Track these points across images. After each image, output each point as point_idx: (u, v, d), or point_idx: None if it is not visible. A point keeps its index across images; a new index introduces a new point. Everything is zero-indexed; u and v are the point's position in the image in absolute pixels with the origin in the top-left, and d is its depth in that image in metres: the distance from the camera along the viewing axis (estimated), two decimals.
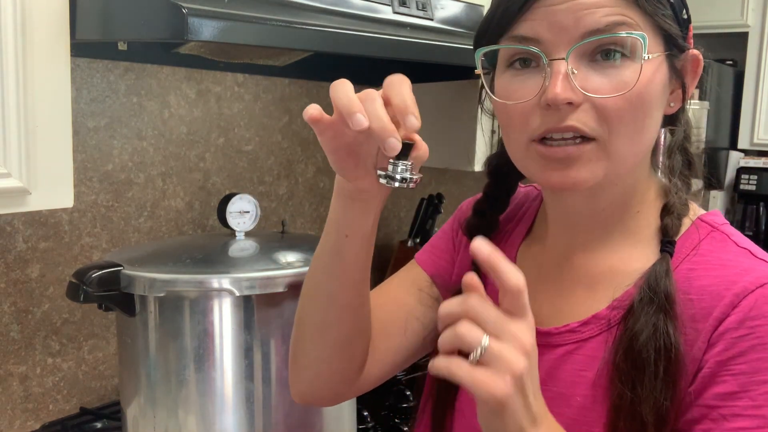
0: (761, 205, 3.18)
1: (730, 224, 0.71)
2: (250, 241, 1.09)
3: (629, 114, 0.64)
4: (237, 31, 0.87)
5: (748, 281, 0.62)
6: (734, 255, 0.66)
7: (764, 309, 0.61)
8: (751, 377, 0.60)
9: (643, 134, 0.66)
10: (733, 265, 0.65)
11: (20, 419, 1.24)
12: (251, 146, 1.58)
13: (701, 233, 0.69)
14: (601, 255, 0.72)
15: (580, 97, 0.63)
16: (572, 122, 0.64)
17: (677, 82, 0.70)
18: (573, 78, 0.63)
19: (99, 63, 1.29)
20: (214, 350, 0.95)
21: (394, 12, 1.16)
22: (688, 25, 0.70)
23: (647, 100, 0.65)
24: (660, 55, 0.66)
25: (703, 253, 0.67)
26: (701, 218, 0.71)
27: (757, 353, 0.60)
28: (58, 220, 1.26)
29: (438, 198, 1.89)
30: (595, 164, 0.65)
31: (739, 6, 3.12)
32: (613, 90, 0.63)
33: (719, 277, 0.64)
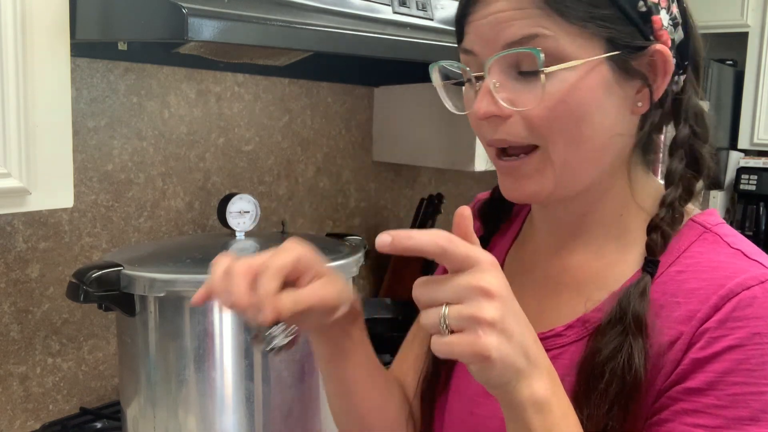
0: (761, 205, 3.18)
1: (725, 223, 0.69)
2: (250, 241, 1.09)
3: (558, 123, 0.63)
4: (237, 31, 0.87)
5: (735, 283, 0.61)
6: (726, 257, 0.64)
7: (747, 311, 0.60)
8: (721, 377, 0.59)
9: (585, 141, 0.64)
10: (723, 267, 0.63)
11: (20, 419, 1.24)
12: (251, 146, 1.58)
13: (693, 234, 0.67)
14: (586, 259, 0.71)
15: (504, 111, 0.64)
16: (502, 135, 0.65)
17: (638, 81, 0.65)
18: (496, 91, 0.64)
19: (99, 63, 1.29)
20: (214, 350, 0.95)
21: (394, 12, 1.16)
22: (649, 17, 0.64)
23: (575, 108, 0.63)
24: (594, 59, 0.63)
25: (693, 255, 0.65)
26: (694, 219, 0.69)
27: (732, 354, 0.59)
28: (58, 220, 1.26)
29: (438, 198, 1.89)
30: (542, 176, 0.66)
31: (739, 6, 3.12)
32: (533, 102, 0.63)
33: (708, 281, 0.63)
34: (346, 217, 1.84)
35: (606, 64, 0.64)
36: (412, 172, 2.04)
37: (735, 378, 0.59)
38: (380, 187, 1.94)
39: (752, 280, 0.61)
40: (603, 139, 0.66)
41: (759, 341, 0.59)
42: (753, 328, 0.59)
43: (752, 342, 0.59)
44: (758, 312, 0.60)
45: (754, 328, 0.59)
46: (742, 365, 0.59)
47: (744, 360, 0.59)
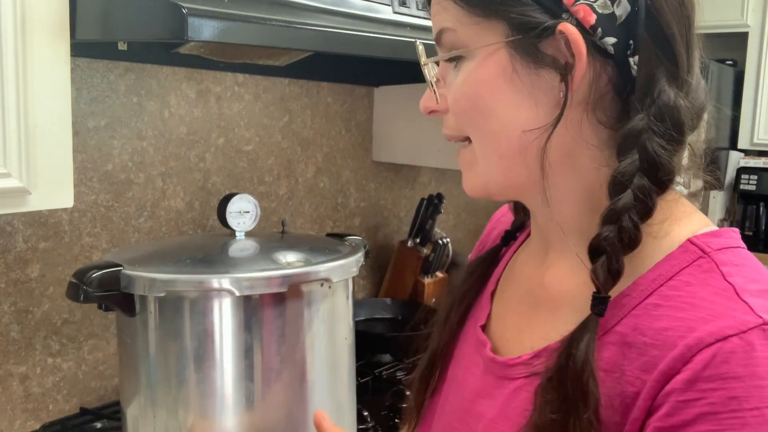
0: (761, 205, 3.18)
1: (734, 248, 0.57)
2: (250, 241, 1.09)
3: (465, 118, 0.60)
4: (237, 31, 0.87)
5: (708, 331, 0.50)
6: (712, 292, 0.52)
7: (721, 369, 0.48)
8: None
9: (496, 136, 0.59)
10: (704, 306, 0.52)
11: (20, 419, 1.24)
12: (251, 146, 1.58)
13: (686, 259, 0.55)
14: (563, 275, 0.63)
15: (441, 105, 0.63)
16: (444, 129, 0.64)
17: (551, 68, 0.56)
18: (437, 87, 0.63)
19: (99, 63, 1.29)
20: (214, 350, 0.95)
21: (394, 12, 1.16)
22: None
23: (476, 100, 0.59)
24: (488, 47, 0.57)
25: (677, 286, 0.54)
26: (693, 240, 0.56)
27: (705, 424, 0.48)
28: (58, 220, 1.26)
29: (438, 198, 1.89)
30: (472, 170, 0.63)
31: (739, 6, 3.12)
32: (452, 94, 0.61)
33: (681, 320, 0.52)
34: (346, 217, 1.84)
35: (505, 50, 0.57)
36: (412, 172, 2.04)
37: None
38: (380, 187, 1.94)
39: (730, 329, 0.49)
40: (515, 135, 0.58)
41: (736, 407, 0.48)
42: (729, 391, 0.48)
43: (727, 409, 0.48)
44: (736, 371, 0.48)
45: (729, 391, 0.48)
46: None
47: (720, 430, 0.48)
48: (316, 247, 1.09)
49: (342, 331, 1.05)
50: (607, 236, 0.53)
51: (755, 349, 0.49)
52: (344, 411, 1.08)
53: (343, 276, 1.03)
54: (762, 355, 0.49)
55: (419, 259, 1.88)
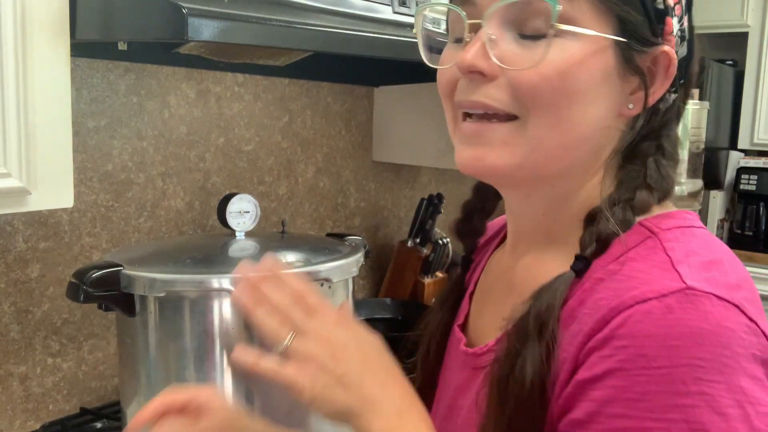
0: (761, 205, 3.18)
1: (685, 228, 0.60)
2: (250, 241, 1.09)
3: (547, 94, 0.57)
4: (237, 31, 0.87)
5: (630, 296, 0.52)
6: (650, 265, 0.55)
7: (635, 328, 0.51)
8: (601, 407, 0.51)
9: (569, 123, 0.58)
10: (638, 276, 0.54)
11: (20, 419, 1.24)
12: (251, 146, 1.58)
13: (634, 240, 0.58)
14: (542, 266, 0.64)
15: (491, 68, 0.58)
16: (481, 97, 0.59)
17: (636, 80, 0.60)
18: (491, 47, 0.57)
19: (99, 63, 1.29)
20: (214, 350, 0.95)
21: (394, 12, 1.16)
22: (663, 17, 0.60)
23: (571, 82, 0.57)
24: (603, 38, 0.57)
25: (622, 262, 0.56)
26: (643, 222, 0.60)
27: (614, 379, 0.51)
28: (58, 220, 1.26)
29: (438, 198, 1.89)
30: (510, 148, 0.59)
31: (739, 6, 3.12)
32: (529, 63, 0.56)
33: (615, 290, 0.54)
34: (346, 217, 1.84)
35: (612, 49, 0.58)
36: (412, 172, 2.04)
37: (615, 409, 0.50)
38: (380, 187, 1.94)
39: (651, 293, 0.52)
40: (587, 129, 0.59)
41: (645, 365, 0.50)
42: (639, 349, 0.50)
43: (636, 366, 0.50)
44: (648, 329, 0.50)
45: (640, 349, 0.50)
46: (623, 394, 0.50)
47: (627, 387, 0.50)
48: (316, 247, 1.09)
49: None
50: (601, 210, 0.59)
51: (673, 311, 0.50)
52: None
53: (343, 276, 1.03)
54: (678, 317, 0.50)
55: (419, 259, 1.88)
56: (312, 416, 1.02)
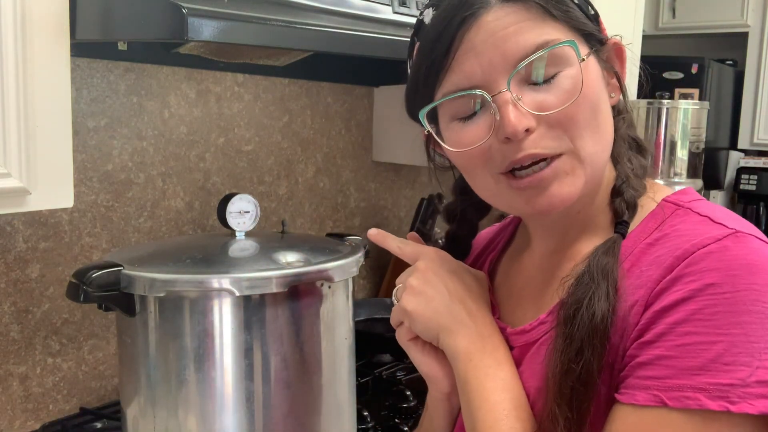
0: (761, 205, 3.18)
1: (702, 199, 0.71)
2: (250, 241, 1.09)
3: (584, 118, 0.66)
4: (237, 31, 0.87)
5: (691, 244, 0.62)
6: (692, 224, 0.65)
7: (700, 265, 0.60)
8: (672, 327, 0.59)
9: (602, 131, 0.69)
10: (686, 233, 0.64)
11: (20, 419, 1.24)
12: (251, 146, 1.58)
13: (666, 213, 0.69)
14: (574, 252, 0.74)
15: (534, 121, 0.65)
16: (531, 150, 0.66)
17: (610, 73, 0.73)
18: (521, 105, 0.65)
19: (99, 63, 1.29)
20: (214, 350, 0.95)
21: (394, 12, 1.16)
22: (598, 19, 0.73)
23: (593, 99, 0.67)
24: (588, 52, 0.68)
25: (664, 230, 0.67)
26: (666, 199, 0.71)
27: (685, 305, 0.59)
28: (58, 220, 1.26)
29: (438, 198, 1.89)
30: (572, 176, 0.67)
31: (739, 6, 3.12)
32: (561, 102, 0.65)
33: (669, 247, 0.64)
34: (346, 217, 1.84)
35: (593, 56, 0.69)
36: (412, 172, 2.04)
37: (685, 328, 0.58)
38: (380, 187, 1.94)
39: (709, 240, 0.61)
40: (610, 129, 0.71)
41: (712, 291, 0.58)
42: (707, 279, 0.59)
43: (705, 293, 0.59)
44: (712, 264, 0.60)
45: (708, 279, 0.59)
46: (695, 315, 0.58)
47: (697, 310, 0.58)
48: (316, 247, 1.08)
49: (342, 331, 1.05)
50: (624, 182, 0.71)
51: (729, 248, 0.60)
52: (344, 411, 1.08)
53: (343, 276, 1.03)
54: (735, 253, 0.60)
55: None
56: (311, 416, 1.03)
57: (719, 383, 0.56)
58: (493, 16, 0.65)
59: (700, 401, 0.56)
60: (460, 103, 0.69)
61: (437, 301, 0.74)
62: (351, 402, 1.11)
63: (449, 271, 0.76)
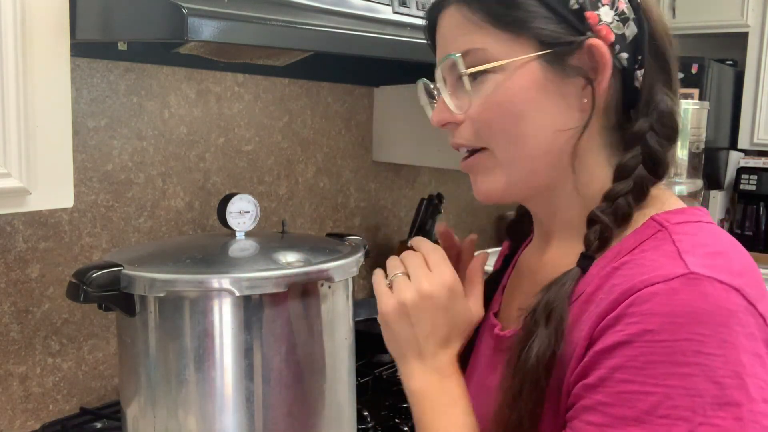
0: (761, 205, 3.18)
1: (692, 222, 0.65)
2: (250, 241, 1.09)
3: (496, 124, 0.68)
4: (237, 31, 0.87)
5: (640, 280, 0.59)
6: (659, 254, 0.61)
7: (643, 307, 0.57)
8: (611, 373, 0.57)
9: (525, 138, 0.67)
10: (648, 264, 0.60)
11: (20, 419, 1.24)
12: (251, 146, 1.58)
13: (647, 233, 0.65)
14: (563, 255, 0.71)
15: (455, 117, 0.70)
16: (456, 139, 0.71)
17: (578, 77, 0.66)
18: (449, 100, 0.70)
19: (99, 63, 1.29)
20: (214, 350, 0.95)
21: (394, 12, 1.16)
22: (582, 14, 0.65)
23: (508, 106, 0.67)
24: (523, 59, 0.66)
25: (635, 253, 0.63)
26: (655, 217, 0.66)
27: (623, 350, 0.57)
28: (58, 220, 1.26)
29: (438, 198, 1.89)
30: (492, 173, 0.70)
31: (739, 6, 3.12)
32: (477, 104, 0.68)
33: (628, 276, 0.60)
34: (346, 217, 1.84)
35: (537, 63, 0.66)
36: (412, 172, 2.04)
37: (623, 375, 0.57)
38: (380, 187, 1.94)
39: (658, 278, 0.58)
40: (545, 137, 0.67)
41: (650, 339, 0.56)
42: (646, 325, 0.56)
43: (642, 339, 0.56)
44: (654, 308, 0.57)
45: (647, 325, 0.56)
46: (631, 362, 0.56)
47: (633, 357, 0.56)
48: (316, 247, 1.09)
49: (342, 331, 1.05)
50: (604, 210, 0.65)
51: (676, 292, 0.57)
52: (344, 411, 1.08)
53: (343, 276, 1.03)
54: (681, 298, 0.57)
55: None
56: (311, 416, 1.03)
57: None
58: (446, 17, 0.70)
59: None
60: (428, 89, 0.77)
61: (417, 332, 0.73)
62: (351, 402, 1.11)
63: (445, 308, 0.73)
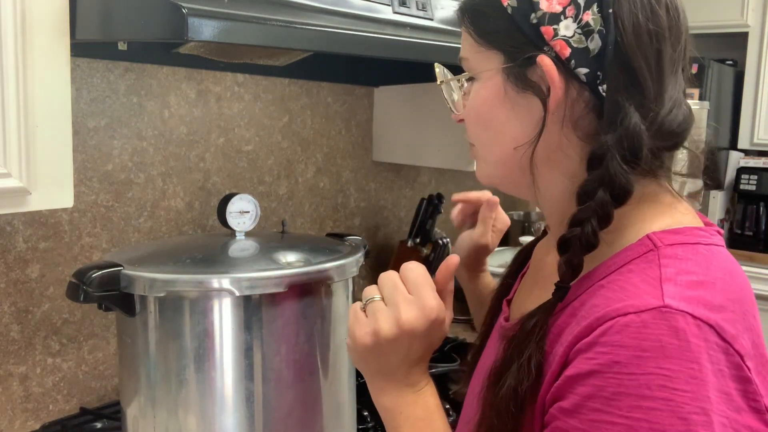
0: (761, 205, 3.18)
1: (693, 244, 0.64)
2: (250, 241, 1.09)
3: (471, 129, 0.75)
4: (237, 31, 0.87)
5: (614, 308, 0.59)
6: (642, 279, 0.61)
7: (614, 338, 0.57)
8: (584, 401, 0.58)
9: (493, 143, 0.72)
10: (628, 289, 0.60)
11: (20, 419, 1.24)
12: (251, 146, 1.58)
13: (637, 252, 0.64)
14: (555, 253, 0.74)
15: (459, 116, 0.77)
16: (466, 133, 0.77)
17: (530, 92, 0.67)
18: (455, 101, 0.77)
19: (99, 63, 1.29)
20: (214, 350, 0.95)
21: (394, 12, 1.16)
22: (538, 29, 0.65)
23: (478, 114, 0.72)
24: (488, 71, 0.70)
25: (621, 272, 0.63)
26: (650, 235, 0.65)
27: (593, 379, 0.58)
28: (58, 220, 1.26)
29: (438, 198, 1.89)
30: (479, 164, 0.77)
31: (739, 6, 3.12)
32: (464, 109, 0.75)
33: (608, 299, 0.61)
34: (346, 217, 1.84)
35: (500, 75, 0.68)
36: (412, 172, 2.04)
37: (594, 404, 0.58)
38: (380, 187, 1.94)
39: (631, 308, 0.58)
40: (507, 146, 0.70)
41: (617, 371, 0.57)
42: (614, 356, 0.57)
43: (611, 370, 0.57)
44: (624, 341, 0.57)
45: (615, 356, 0.57)
46: (601, 392, 0.57)
47: (601, 387, 0.57)
48: (316, 247, 1.09)
49: (342, 331, 1.05)
50: (570, 237, 0.64)
51: (647, 326, 0.57)
52: (344, 411, 1.08)
53: (343, 276, 1.03)
54: (651, 332, 0.57)
55: (419, 259, 1.88)
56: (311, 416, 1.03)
57: None
58: None
59: None
60: None
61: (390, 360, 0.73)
62: (351, 402, 1.11)
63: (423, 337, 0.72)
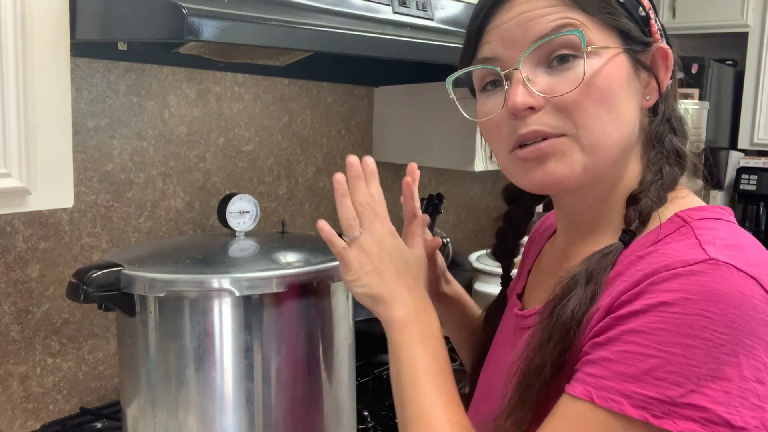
0: (761, 205, 3.18)
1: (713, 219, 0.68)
2: (250, 241, 1.09)
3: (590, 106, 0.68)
4: (237, 31, 0.87)
5: (662, 265, 0.62)
6: (681, 245, 0.64)
7: (663, 285, 0.60)
8: (621, 335, 0.61)
9: (613, 125, 0.69)
10: (670, 253, 0.63)
11: (20, 419, 1.24)
12: (251, 146, 1.58)
13: (671, 228, 0.68)
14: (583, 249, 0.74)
15: (538, 101, 0.68)
16: (534, 126, 0.69)
17: (648, 75, 0.72)
18: (530, 84, 0.68)
19: (99, 63, 1.29)
20: (214, 350, 0.95)
21: (394, 12, 1.16)
22: (648, 22, 0.72)
23: (606, 92, 0.68)
24: (615, 48, 0.69)
25: (658, 246, 0.66)
26: (679, 213, 0.69)
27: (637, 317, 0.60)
28: (58, 220, 1.26)
29: (438, 198, 1.89)
30: (570, 157, 0.69)
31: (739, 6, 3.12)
32: (569, 87, 0.67)
33: (650, 263, 0.63)
34: None
35: (624, 54, 0.70)
36: None
37: (631, 338, 0.60)
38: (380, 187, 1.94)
39: (679, 263, 0.61)
40: (626, 126, 0.70)
41: (663, 309, 0.59)
42: (662, 297, 0.59)
43: (656, 309, 0.59)
44: (672, 286, 0.60)
45: (663, 298, 0.59)
46: (642, 328, 0.60)
47: (645, 324, 0.60)
48: (316, 247, 1.08)
49: (342, 331, 1.05)
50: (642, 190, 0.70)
51: (694, 274, 0.59)
52: (344, 411, 1.08)
53: None
54: (699, 279, 0.59)
55: None
56: (311, 416, 1.03)
57: (645, 394, 0.58)
58: None
59: (622, 406, 0.59)
60: (483, 76, 0.74)
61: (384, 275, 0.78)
62: (351, 402, 1.11)
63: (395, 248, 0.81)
